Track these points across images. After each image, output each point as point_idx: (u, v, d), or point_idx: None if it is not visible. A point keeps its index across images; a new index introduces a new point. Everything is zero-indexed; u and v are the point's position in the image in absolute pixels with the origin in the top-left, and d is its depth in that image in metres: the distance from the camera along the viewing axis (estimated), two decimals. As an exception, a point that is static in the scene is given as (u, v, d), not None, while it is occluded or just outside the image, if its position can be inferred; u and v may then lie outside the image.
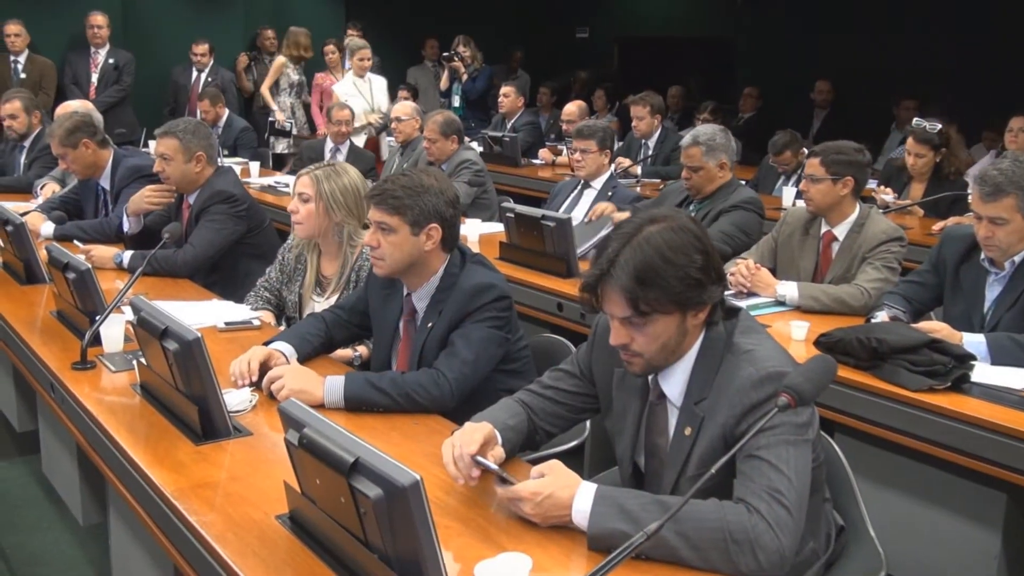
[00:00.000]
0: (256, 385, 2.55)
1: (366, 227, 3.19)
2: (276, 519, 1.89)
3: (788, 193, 5.75)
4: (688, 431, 1.94)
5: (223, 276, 3.90)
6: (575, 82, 10.72)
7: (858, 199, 3.58)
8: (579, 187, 4.96)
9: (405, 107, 6.60)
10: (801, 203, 4.80)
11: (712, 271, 1.88)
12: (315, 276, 3.26)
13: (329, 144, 6.71)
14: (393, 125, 6.51)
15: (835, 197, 3.52)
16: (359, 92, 7.84)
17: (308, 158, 6.46)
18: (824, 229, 3.62)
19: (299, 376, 2.49)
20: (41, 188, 5.14)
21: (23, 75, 7.87)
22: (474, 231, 4.62)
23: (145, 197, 4.14)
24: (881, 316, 3.11)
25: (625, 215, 4.53)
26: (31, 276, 3.63)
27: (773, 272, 3.64)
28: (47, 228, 4.28)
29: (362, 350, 3.05)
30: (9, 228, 3.64)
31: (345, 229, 3.15)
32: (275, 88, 8.85)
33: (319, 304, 3.20)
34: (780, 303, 3.43)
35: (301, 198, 3.17)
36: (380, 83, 8.07)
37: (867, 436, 2.79)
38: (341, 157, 6.60)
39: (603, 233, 4.41)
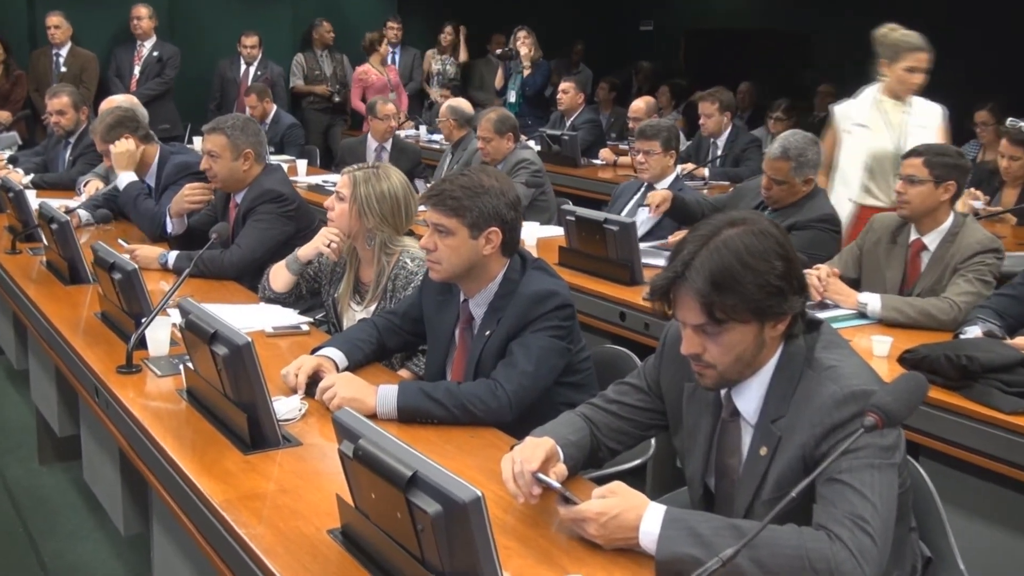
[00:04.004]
0: (306, 393, 2.58)
1: (410, 233, 3.23)
2: (328, 533, 1.91)
3: (868, 198, 5.65)
4: (764, 451, 1.92)
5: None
6: (638, 74, 10.69)
7: (954, 207, 3.51)
8: (642, 189, 4.94)
9: (443, 107, 6.74)
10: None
11: (794, 280, 1.86)
12: (353, 282, 3.29)
13: (373, 143, 6.76)
14: None
15: (935, 201, 3.45)
16: (891, 124, 4.61)
17: (349, 160, 6.53)
18: (913, 237, 3.55)
19: (351, 385, 2.51)
20: (84, 185, 5.26)
21: (64, 68, 8.06)
22: (532, 235, 4.61)
23: (185, 197, 4.22)
24: (973, 331, 3.04)
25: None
26: (75, 276, 3.71)
27: (857, 282, 3.58)
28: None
29: (403, 374, 3.06)
30: (54, 226, 3.73)
31: (378, 237, 3.16)
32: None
33: (358, 312, 3.23)
34: (861, 315, 3.38)
35: (338, 196, 3.21)
36: (931, 114, 4.62)
37: (955, 461, 2.74)
38: (385, 156, 6.67)
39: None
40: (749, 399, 1.96)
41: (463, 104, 6.74)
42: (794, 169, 4.04)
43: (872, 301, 3.37)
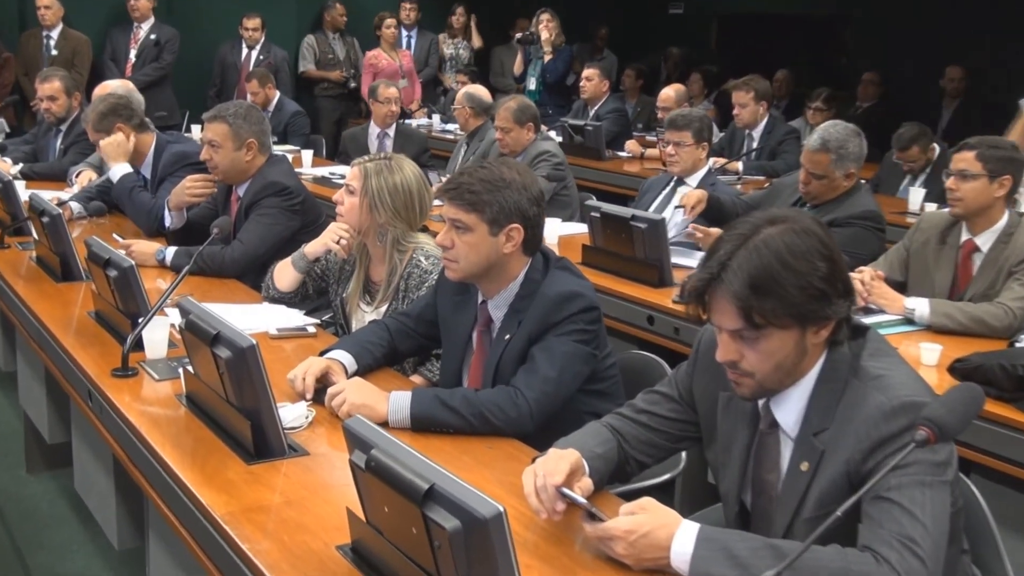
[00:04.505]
0: (313, 399, 2.59)
1: (424, 230, 3.23)
2: (336, 549, 1.91)
3: (915, 195, 5.64)
4: (805, 466, 1.91)
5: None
6: (667, 61, 10.68)
7: (1008, 205, 3.49)
8: (672, 184, 4.93)
9: (459, 95, 6.75)
10: (932, 206, 4.67)
11: (838, 282, 1.85)
12: (363, 282, 3.30)
13: (375, 130, 6.78)
14: None
15: (988, 198, 3.44)
16: None
17: (351, 150, 6.55)
18: (964, 237, 3.54)
19: (361, 391, 2.52)
20: (76, 176, 5.29)
21: (55, 51, 8.10)
22: (553, 232, 4.62)
23: (186, 189, 4.23)
24: (1030, 339, 3.04)
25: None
26: (67, 273, 3.73)
27: (903, 285, 3.57)
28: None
29: (416, 380, 3.07)
30: (44, 219, 3.75)
31: (390, 233, 3.16)
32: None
33: (368, 313, 3.24)
34: (908, 321, 3.37)
35: (348, 189, 3.22)
36: None
37: (1010, 479, 2.73)
38: (389, 143, 6.69)
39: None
40: (789, 410, 1.95)
41: (480, 91, 6.72)
42: (835, 162, 4.03)
43: (920, 306, 3.36)
